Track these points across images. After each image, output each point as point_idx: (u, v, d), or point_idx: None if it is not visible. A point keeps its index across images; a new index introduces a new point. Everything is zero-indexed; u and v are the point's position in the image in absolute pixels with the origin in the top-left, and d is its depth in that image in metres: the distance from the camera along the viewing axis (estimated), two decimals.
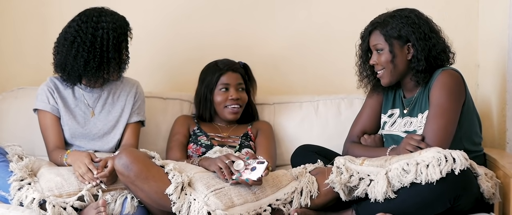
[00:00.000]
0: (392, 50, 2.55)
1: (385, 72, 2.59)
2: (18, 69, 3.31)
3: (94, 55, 2.66)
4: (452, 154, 2.26)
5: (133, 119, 2.83)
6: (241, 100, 2.92)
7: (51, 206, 2.35)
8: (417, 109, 2.59)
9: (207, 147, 2.82)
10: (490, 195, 2.36)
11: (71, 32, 2.69)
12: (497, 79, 3.00)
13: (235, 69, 2.94)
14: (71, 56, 2.67)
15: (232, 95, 2.90)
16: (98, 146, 2.78)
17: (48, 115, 2.74)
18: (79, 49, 2.66)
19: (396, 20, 2.56)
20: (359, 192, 2.36)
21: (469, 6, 3.25)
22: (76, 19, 2.71)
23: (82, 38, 2.66)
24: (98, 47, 2.66)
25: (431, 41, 2.54)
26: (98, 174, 2.45)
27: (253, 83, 3.02)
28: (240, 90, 2.94)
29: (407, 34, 2.54)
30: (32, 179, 2.46)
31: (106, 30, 2.67)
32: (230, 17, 3.34)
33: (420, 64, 2.53)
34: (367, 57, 2.66)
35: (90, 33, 2.66)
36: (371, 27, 2.61)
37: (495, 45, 3.02)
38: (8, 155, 2.58)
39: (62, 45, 2.70)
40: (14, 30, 3.34)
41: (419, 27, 2.54)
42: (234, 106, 2.91)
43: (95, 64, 2.67)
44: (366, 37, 2.63)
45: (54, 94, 2.75)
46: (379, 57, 2.59)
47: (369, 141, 2.70)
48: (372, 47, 2.61)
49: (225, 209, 2.32)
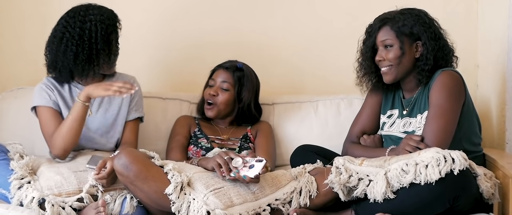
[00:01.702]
0: (402, 47, 2.54)
1: (391, 69, 2.58)
2: (18, 69, 3.30)
3: (83, 47, 2.64)
4: (451, 154, 2.26)
5: (132, 116, 2.82)
6: (217, 97, 2.89)
7: (50, 205, 2.36)
8: (416, 110, 2.59)
9: (207, 150, 2.81)
10: (489, 195, 2.36)
11: (59, 29, 2.68)
12: (496, 79, 3.00)
13: (227, 68, 2.92)
14: (61, 52, 2.66)
15: (208, 91, 2.90)
16: (98, 145, 2.77)
17: (50, 109, 2.70)
18: (68, 43, 2.65)
19: (408, 17, 2.55)
20: (358, 192, 2.36)
21: (468, 7, 3.25)
22: (63, 17, 2.71)
23: (70, 33, 2.65)
24: (87, 40, 2.64)
25: (440, 42, 2.55)
26: (96, 176, 2.44)
27: (250, 86, 2.92)
28: (224, 88, 2.90)
29: (418, 32, 2.54)
30: (32, 178, 2.47)
31: (94, 22, 2.66)
32: (229, 17, 3.33)
33: (428, 63, 2.53)
34: (372, 53, 2.64)
35: (78, 27, 2.65)
36: (381, 22, 2.60)
37: (495, 45, 3.02)
38: (9, 153, 2.58)
39: (52, 43, 2.70)
40: (14, 29, 3.34)
41: (429, 27, 2.55)
42: (209, 102, 2.90)
43: (85, 56, 2.64)
44: (374, 33, 2.61)
45: (54, 92, 2.74)
46: (387, 53, 2.58)
47: (369, 141, 2.70)
48: (380, 43, 2.60)
49: (225, 208, 2.32)
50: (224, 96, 2.89)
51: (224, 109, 2.91)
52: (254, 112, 2.95)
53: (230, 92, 2.90)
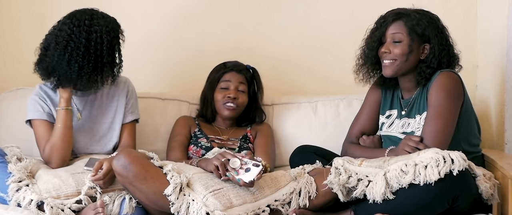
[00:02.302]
0: (411, 45, 2.54)
1: (394, 63, 2.57)
2: (17, 70, 3.30)
3: (89, 60, 2.58)
4: (451, 155, 2.26)
5: (128, 119, 2.80)
6: (238, 100, 2.92)
7: (49, 207, 2.35)
8: (415, 110, 2.59)
9: (207, 149, 2.82)
10: (488, 196, 2.36)
11: (63, 36, 2.59)
12: (496, 80, 3.00)
13: (239, 70, 2.95)
14: (64, 61, 2.58)
15: (230, 94, 2.90)
16: (95, 149, 2.75)
17: (45, 123, 2.67)
18: (73, 54, 2.57)
19: (423, 18, 2.55)
20: (357, 193, 2.36)
21: (468, 7, 3.25)
22: (67, 22, 2.62)
23: (75, 43, 2.57)
24: (92, 52, 2.59)
25: (448, 49, 2.55)
26: (93, 178, 2.43)
27: (260, 88, 3.00)
28: (240, 91, 2.93)
29: (430, 35, 2.54)
30: (30, 181, 2.45)
31: (100, 33, 2.59)
32: (229, 17, 3.34)
33: (431, 66, 2.53)
34: (378, 44, 2.61)
35: (84, 37, 2.58)
36: (396, 16, 2.57)
37: (494, 46, 3.02)
38: (6, 156, 2.56)
39: (53, 49, 2.61)
40: (13, 30, 3.34)
41: (441, 33, 2.55)
42: (230, 104, 2.91)
43: (90, 69, 2.59)
44: (386, 25, 2.58)
45: (47, 102, 2.70)
46: (394, 48, 2.56)
47: (368, 142, 2.70)
48: (389, 36, 2.58)
49: (224, 209, 2.32)
50: (243, 98, 2.94)
51: (241, 110, 2.96)
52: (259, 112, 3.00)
53: (246, 94, 2.96)
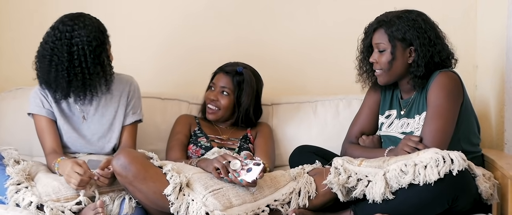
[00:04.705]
0: (393, 52, 2.53)
1: (383, 73, 2.59)
2: (17, 69, 3.30)
3: (75, 73, 2.56)
4: (450, 154, 2.26)
5: (128, 121, 2.78)
6: (218, 102, 2.89)
7: (49, 209, 2.35)
8: (414, 110, 2.59)
9: (207, 149, 2.81)
10: (488, 196, 2.36)
11: (47, 50, 2.57)
12: (495, 80, 3.00)
13: (227, 72, 2.91)
14: (52, 76, 2.58)
15: (210, 95, 2.91)
16: (94, 150, 2.74)
17: (43, 118, 2.68)
18: (58, 69, 2.56)
19: (403, 21, 2.53)
20: (357, 193, 2.36)
21: (467, 7, 3.25)
22: (51, 35, 2.59)
23: (59, 57, 2.55)
24: (77, 65, 2.55)
25: (436, 47, 2.53)
26: (101, 172, 2.41)
27: (250, 91, 2.89)
28: (223, 93, 2.89)
29: (411, 38, 2.52)
30: (29, 183, 2.44)
31: (81, 45, 2.54)
32: (229, 18, 3.33)
33: (419, 70, 2.52)
34: (368, 53, 2.64)
35: (66, 52, 2.54)
36: (377, 24, 2.59)
37: (494, 46, 3.02)
38: (4, 159, 2.54)
39: (41, 62, 2.61)
40: (12, 30, 3.33)
41: (425, 32, 2.52)
42: (210, 107, 2.91)
43: (79, 83, 2.58)
44: (370, 34, 2.61)
45: (48, 98, 2.70)
46: (379, 57, 2.57)
47: (367, 142, 2.70)
48: (374, 45, 2.59)
49: (223, 209, 2.32)
50: (224, 101, 2.90)
51: (224, 113, 2.92)
52: (251, 116, 2.93)
53: (229, 97, 2.90)
